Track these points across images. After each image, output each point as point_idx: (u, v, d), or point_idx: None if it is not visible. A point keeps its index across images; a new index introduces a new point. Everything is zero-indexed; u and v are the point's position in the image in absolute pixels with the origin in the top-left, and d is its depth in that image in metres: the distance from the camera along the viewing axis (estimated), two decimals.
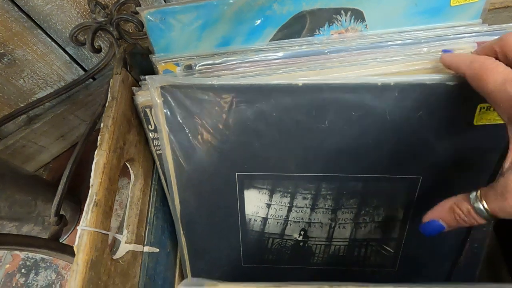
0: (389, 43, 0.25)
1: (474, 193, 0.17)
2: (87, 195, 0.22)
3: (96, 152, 0.23)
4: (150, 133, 0.28)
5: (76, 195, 0.51)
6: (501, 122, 0.17)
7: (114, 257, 0.24)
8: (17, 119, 0.47)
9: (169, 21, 0.26)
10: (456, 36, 0.25)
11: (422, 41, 0.25)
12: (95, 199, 0.22)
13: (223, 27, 0.26)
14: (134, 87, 0.28)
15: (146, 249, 0.28)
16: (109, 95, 0.26)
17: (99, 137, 0.24)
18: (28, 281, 0.47)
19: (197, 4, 0.25)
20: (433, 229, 0.19)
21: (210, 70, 0.27)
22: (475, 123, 0.23)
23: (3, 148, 0.48)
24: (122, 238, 0.26)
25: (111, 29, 0.42)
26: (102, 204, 0.22)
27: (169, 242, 0.33)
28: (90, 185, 0.22)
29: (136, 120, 0.28)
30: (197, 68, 0.27)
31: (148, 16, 0.26)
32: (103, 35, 0.47)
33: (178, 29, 0.26)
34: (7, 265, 0.49)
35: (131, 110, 0.27)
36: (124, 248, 0.26)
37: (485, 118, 0.23)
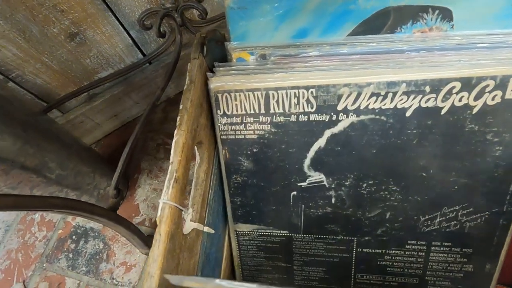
0: (477, 45, 0.24)
1: None
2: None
3: (175, 132, 0.25)
4: (218, 118, 0.29)
5: (125, 172, 0.54)
6: None
7: (184, 232, 0.25)
8: (79, 95, 0.51)
9: (250, 9, 0.26)
10: None
11: None
12: (175, 175, 0.23)
13: (302, 18, 0.26)
14: (208, 73, 0.28)
15: (206, 229, 0.29)
16: (187, 78, 0.27)
17: (178, 117, 0.25)
18: (78, 248, 0.50)
19: None
20: None
21: (284, 61, 0.28)
22: None
23: (65, 122, 0.51)
24: (188, 216, 0.27)
25: (176, 15, 0.44)
26: (181, 181, 0.23)
27: (221, 225, 0.34)
28: (170, 162, 0.24)
29: (207, 105, 0.29)
30: (271, 58, 0.28)
31: (231, 4, 0.26)
32: (164, 21, 0.48)
33: (258, 18, 0.27)
34: (60, 231, 0.53)
35: (203, 95, 0.28)
36: (190, 225, 0.27)
37: None
